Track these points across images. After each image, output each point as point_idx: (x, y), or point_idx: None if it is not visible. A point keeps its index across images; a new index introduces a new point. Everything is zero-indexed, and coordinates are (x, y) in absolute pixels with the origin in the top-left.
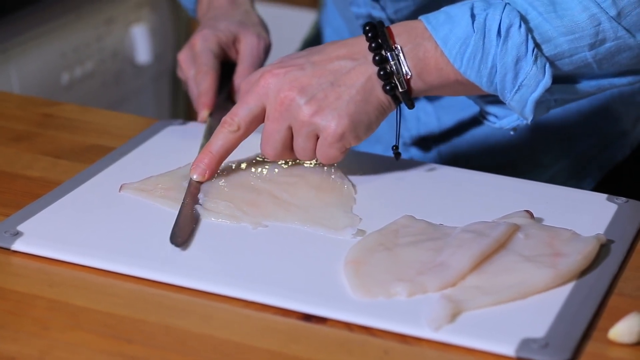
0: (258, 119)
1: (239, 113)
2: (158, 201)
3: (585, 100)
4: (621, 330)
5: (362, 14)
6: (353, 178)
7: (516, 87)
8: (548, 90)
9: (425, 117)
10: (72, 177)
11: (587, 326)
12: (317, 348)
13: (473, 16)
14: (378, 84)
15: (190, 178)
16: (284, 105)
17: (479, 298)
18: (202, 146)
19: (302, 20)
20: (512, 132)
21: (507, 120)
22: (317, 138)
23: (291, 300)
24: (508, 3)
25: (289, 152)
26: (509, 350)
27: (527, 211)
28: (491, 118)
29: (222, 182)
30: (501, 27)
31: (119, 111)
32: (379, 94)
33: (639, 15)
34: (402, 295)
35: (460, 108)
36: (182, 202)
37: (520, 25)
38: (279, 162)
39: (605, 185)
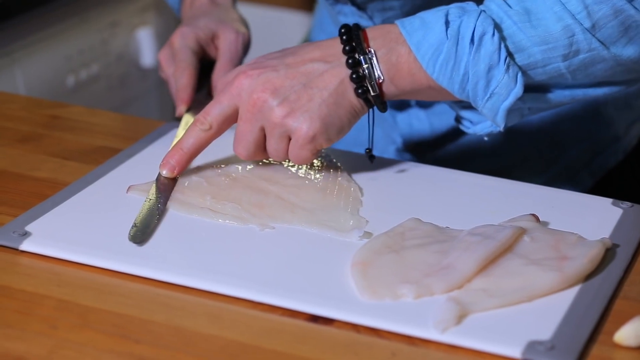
0: (231, 119)
1: (212, 112)
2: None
3: (578, 105)
4: (627, 334)
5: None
6: (360, 180)
7: (488, 95)
8: (520, 99)
9: (418, 124)
10: (80, 178)
11: (593, 329)
12: (324, 349)
13: (447, 23)
14: (350, 87)
15: (159, 173)
16: (257, 106)
17: (486, 300)
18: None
19: (299, 24)
20: (485, 139)
21: (481, 126)
22: (290, 139)
23: (298, 302)
24: (483, 10)
25: (261, 152)
26: (515, 352)
27: (533, 215)
28: (466, 123)
29: (229, 184)
30: (474, 34)
31: (124, 114)
32: (351, 97)
33: (613, 28)
34: (408, 297)
35: (452, 114)
36: (147, 197)
37: (493, 34)
38: (285, 165)
39: (599, 190)
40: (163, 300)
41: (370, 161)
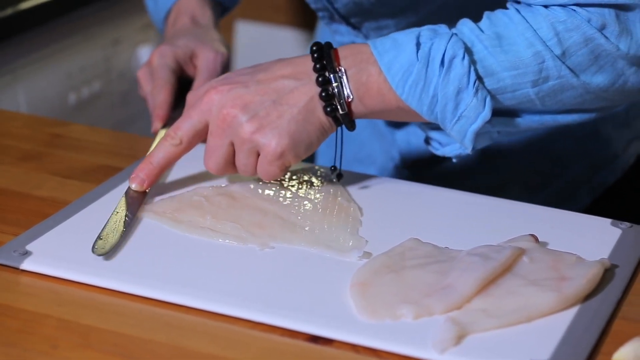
0: (200, 134)
1: (182, 127)
2: (166, 222)
3: (576, 123)
4: (625, 355)
5: (346, 43)
6: (359, 200)
7: (456, 118)
8: (489, 122)
9: (416, 141)
10: (81, 197)
11: (592, 350)
12: None
13: (418, 44)
14: (320, 104)
15: (129, 187)
16: (226, 122)
17: (485, 321)
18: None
19: (302, 41)
20: (454, 160)
21: (449, 148)
22: (259, 155)
23: (298, 322)
24: (455, 34)
25: (231, 167)
26: None
27: (532, 235)
28: (434, 144)
29: (229, 203)
30: (445, 57)
31: (126, 131)
32: (320, 115)
33: (583, 55)
34: (408, 318)
35: None
36: (114, 211)
37: (463, 57)
38: (285, 184)
39: (597, 208)
40: (164, 320)
41: (337, 179)
